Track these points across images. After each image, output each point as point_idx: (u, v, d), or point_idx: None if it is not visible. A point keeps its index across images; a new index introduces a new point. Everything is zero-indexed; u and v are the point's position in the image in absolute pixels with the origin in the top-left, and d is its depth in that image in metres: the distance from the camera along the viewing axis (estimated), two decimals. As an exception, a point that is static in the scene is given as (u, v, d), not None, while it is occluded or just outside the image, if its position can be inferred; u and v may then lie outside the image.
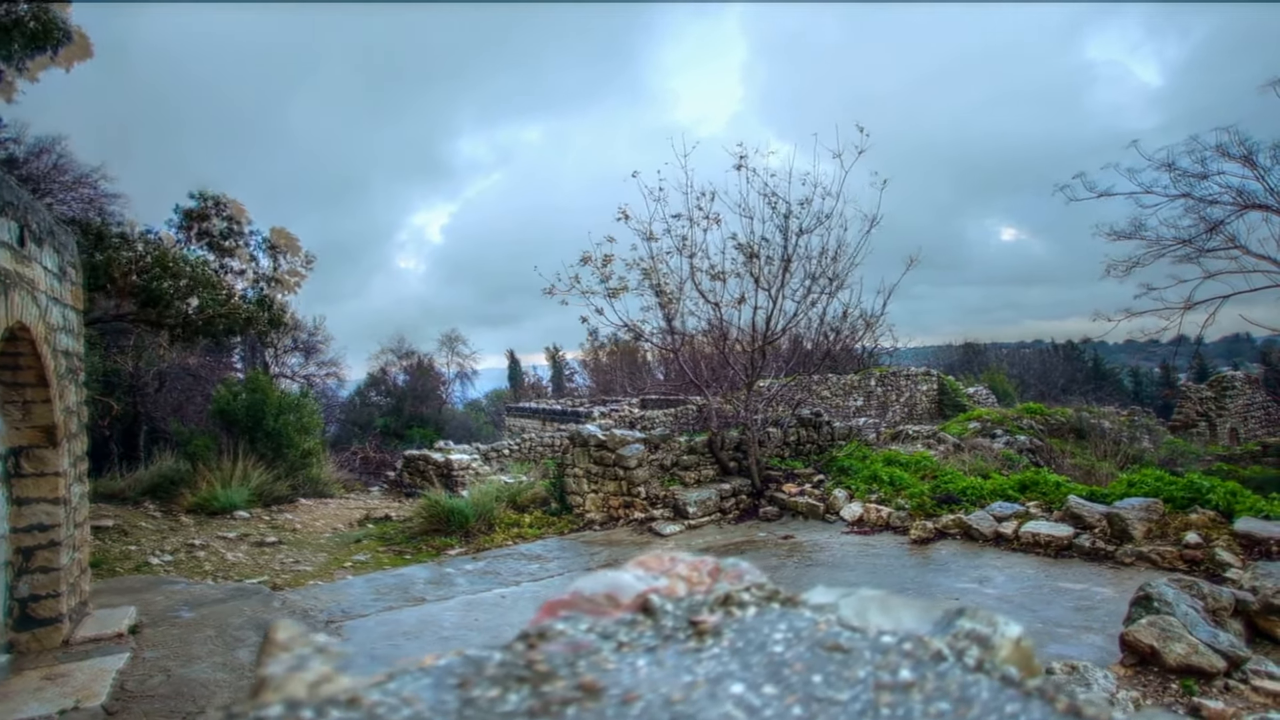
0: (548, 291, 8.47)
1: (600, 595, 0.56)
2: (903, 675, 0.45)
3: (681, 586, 0.59)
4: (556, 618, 0.52)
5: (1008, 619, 0.50)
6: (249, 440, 12.15)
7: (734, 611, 0.54)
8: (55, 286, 4.84)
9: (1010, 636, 0.48)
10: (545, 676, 0.45)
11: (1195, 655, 2.35)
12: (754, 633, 0.51)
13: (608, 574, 0.60)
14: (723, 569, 0.60)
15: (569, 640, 0.49)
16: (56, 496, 4.76)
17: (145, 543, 8.77)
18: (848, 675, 0.45)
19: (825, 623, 0.52)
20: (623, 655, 0.49)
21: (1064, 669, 2.20)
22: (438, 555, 7.93)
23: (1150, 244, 11.80)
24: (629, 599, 0.56)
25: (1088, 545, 5.68)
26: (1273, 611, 2.86)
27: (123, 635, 4.92)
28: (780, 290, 8.53)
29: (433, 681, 0.46)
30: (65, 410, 4.93)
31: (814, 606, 0.56)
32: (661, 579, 0.60)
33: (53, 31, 10.60)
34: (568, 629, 0.50)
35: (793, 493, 8.28)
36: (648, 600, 0.56)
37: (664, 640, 0.51)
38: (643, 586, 0.58)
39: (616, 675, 0.46)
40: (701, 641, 0.51)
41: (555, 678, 0.45)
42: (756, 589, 0.58)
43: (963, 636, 0.49)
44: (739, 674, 0.46)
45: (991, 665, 0.46)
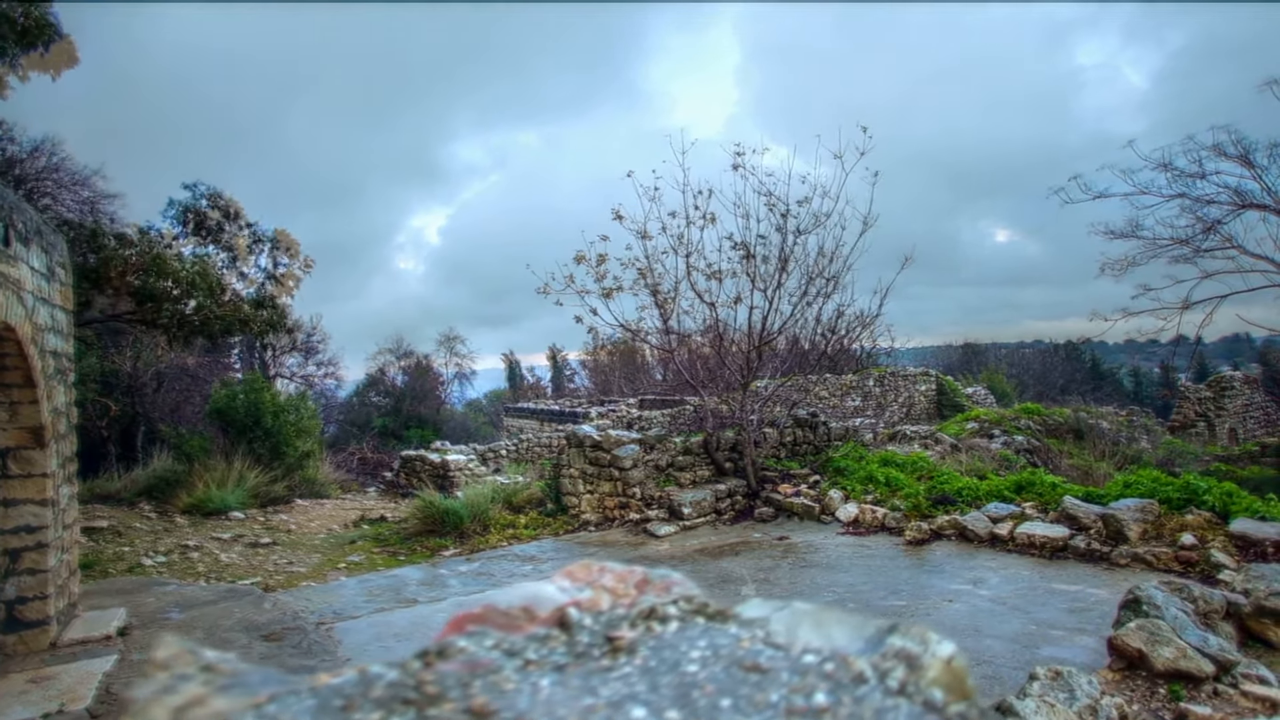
0: (541, 290, 8.44)
1: (516, 608, 0.53)
2: (817, 700, 0.41)
3: (605, 599, 0.55)
4: (462, 633, 0.49)
5: (941, 637, 0.47)
6: (246, 441, 12.12)
7: (654, 627, 0.51)
8: (43, 287, 4.81)
9: (941, 656, 0.45)
10: (433, 699, 0.42)
11: (1184, 659, 2.31)
12: (670, 650, 0.48)
13: (528, 585, 0.57)
14: (650, 580, 0.57)
15: (468, 658, 0.46)
16: (44, 498, 4.73)
17: (139, 544, 8.73)
18: (759, 699, 0.42)
19: (749, 640, 0.49)
20: (526, 675, 0.45)
21: (1048, 674, 2.16)
22: (432, 556, 7.90)
23: (1147, 244, 11.78)
24: (546, 612, 0.53)
25: (1083, 546, 5.64)
26: (1265, 614, 2.83)
27: (111, 638, 4.89)
28: (777, 290, 8.50)
29: (317, 704, 0.43)
30: (53, 411, 4.89)
31: (743, 621, 0.53)
32: (586, 590, 0.57)
33: (44, 29, 10.57)
34: (470, 646, 0.47)
35: (788, 493, 8.24)
36: (565, 614, 0.52)
37: (576, 658, 0.48)
38: (564, 599, 0.55)
39: (513, 698, 0.43)
40: (615, 659, 0.48)
41: (444, 700, 0.42)
42: (684, 601, 0.55)
43: (890, 655, 0.45)
44: (644, 696, 0.43)
45: (916, 688, 0.42)
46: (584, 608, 0.54)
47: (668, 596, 0.55)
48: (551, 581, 0.59)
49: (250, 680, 0.47)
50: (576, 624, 0.52)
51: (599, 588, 0.57)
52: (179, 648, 0.46)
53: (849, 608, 3.04)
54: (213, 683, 0.45)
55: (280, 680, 0.47)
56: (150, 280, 10.44)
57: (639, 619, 0.53)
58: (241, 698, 0.43)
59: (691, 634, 0.50)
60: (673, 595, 0.56)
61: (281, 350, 22.64)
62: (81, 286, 10.09)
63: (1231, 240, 10.95)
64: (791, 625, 0.52)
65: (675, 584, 0.57)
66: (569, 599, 0.55)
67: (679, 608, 0.54)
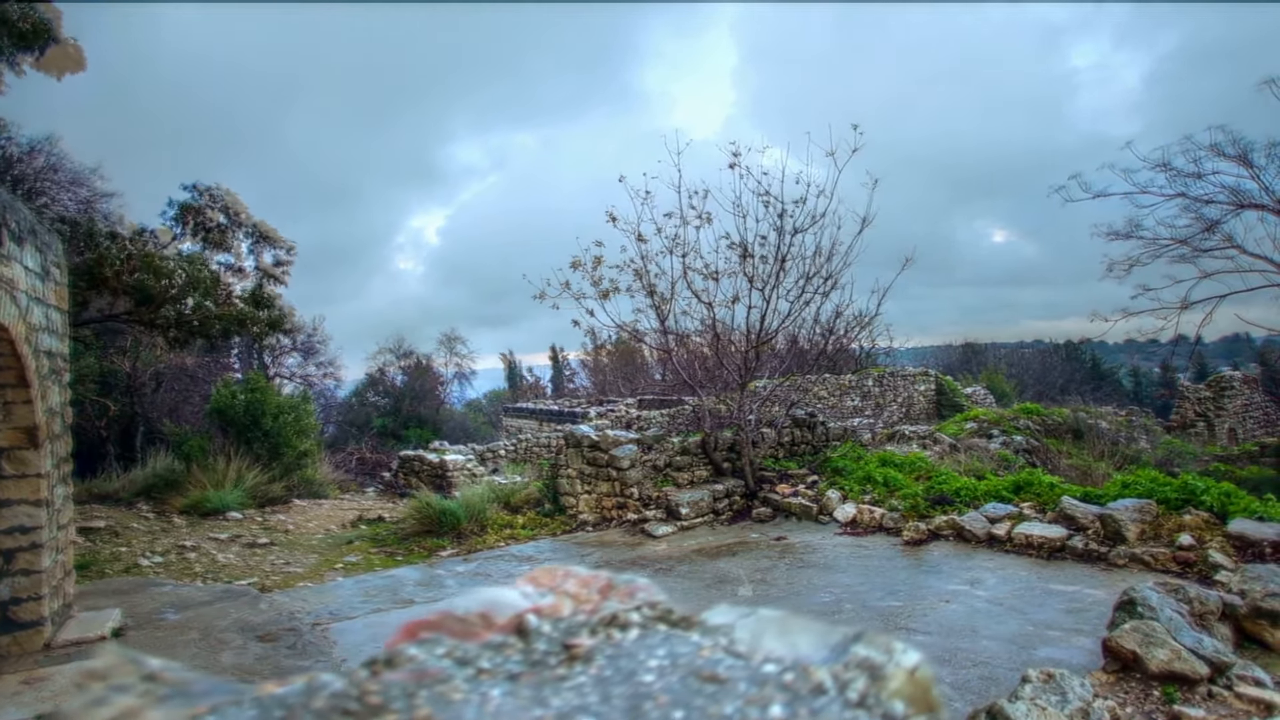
0: (538, 297, 8.43)
1: (474, 614, 0.52)
2: (773, 712, 0.40)
3: (567, 605, 0.54)
4: (414, 640, 0.48)
5: (906, 645, 0.46)
6: (245, 441, 12.11)
7: (614, 634, 0.50)
8: (37, 286, 4.80)
9: (905, 666, 0.44)
10: (375, 710, 0.40)
11: (1178, 661, 2.29)
12: (628, 659, 0.46)
13: (489, 590, 0.55)
14: (615, 586, 0.56)
15: (417, 667, 0.44)
16: (38, 498, 4.71)
17: (136, 544, 8.72)
18: (713, 711, 0.40)
19: (710, 648, 0.47)
20: (477, 684, 0.44)
21: (1041, 677, 2.15)
22: (429, 557, 7.89)
23: (1147, 243, 11.76)
24: (504, 619, 0.52)
25: (1081, 547, 5.63)
26: (1261, 615, 2.81)
27: (105, 638, 4.88)
28: (774, 289, 8.48)
29: (258, 714, 0.42)
30: (48, 411, 4.88)
31: (707, 629, 0.51)
32: (548, 596, 0.55)
33: (41, 32, 10.56)
34: (421, 654, 0.46)
35: (786, 494, 8.23)
36: (523, 621, 0.51)
37: (531, 666, 0.47)
38: (525, 604, 0.54)
39: (459, 709, 0.41)
40: (571, 668, 0.46)
41: (387, 711, 0.40)
42: (648, 608, 0.53)
43: (854, 665, 0.44)
44: (595, 708, 0.41)
45: (876, 700, 0.41)
46: (544, 614, 0.53)
47: (631, 603, 0.54)
48: (514, 587, 0.57)
49: (194, 690, 0.45)
50: (534, 631, 0.51)
51: (561, 593, 0.56)
52: (118, 657, 0.44)
53: (845, 608, 3.06)
54: (152, 693, 0.43)
55: (227, 690, 0.46)
56: (147, 280, 10.42)
57: (600, 626, 0.51)
58: (179, 709, 0.42)
59: (652, 642, 0.49)
60: (636, 601, 0.54)
61: (281, 350, 22.62)
62: (78, 286, 10.08)
63: (1230, 240, 10.95)
64: (757, 633, 0.50)
65: (640, 590, 0.56)
66: (530, 605, 0.54)
67: (642, 614, 0.53)
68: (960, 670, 3.92)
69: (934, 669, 1.84)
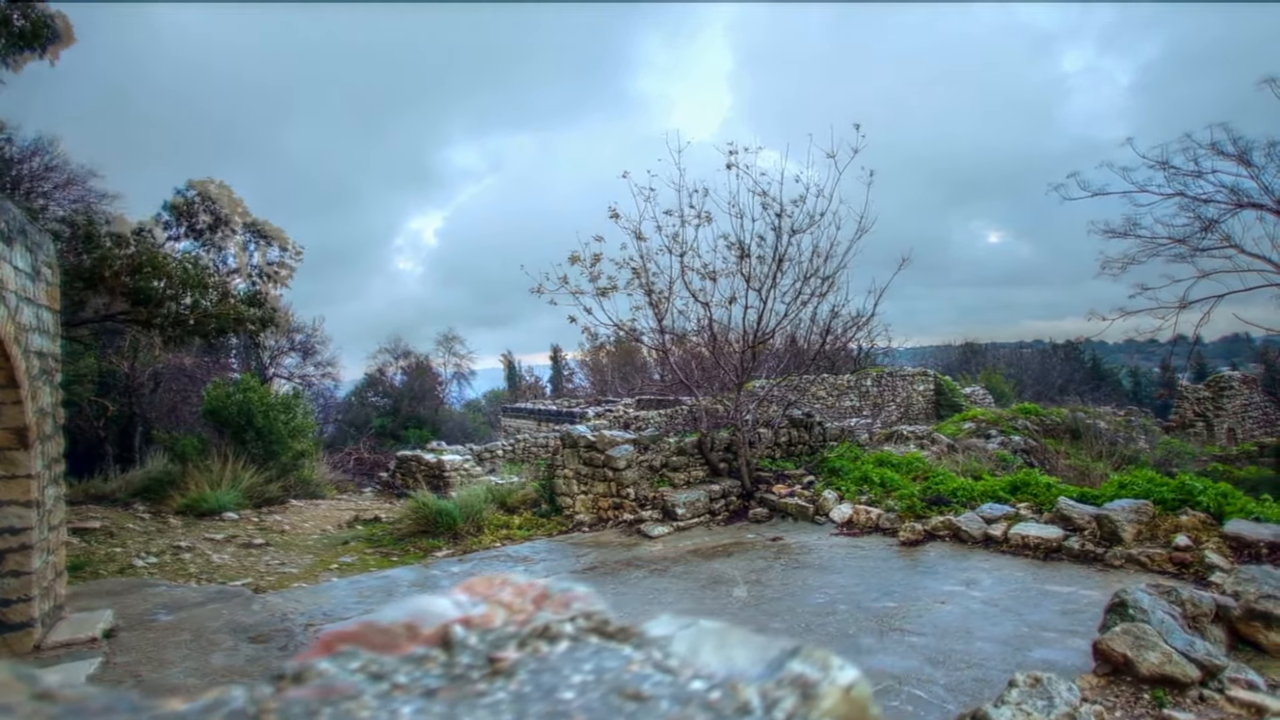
0: (535, 290, 8.40)
1: (399, 625, 0.49)
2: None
3: (500, 615, 0.52)
4: (330, 653, 0.45)
5: (845, 662, 0.43)
6: (240, 441, 12.09)
7: (542, 647, 0.47)
8: (27, 286, 4.77)
9: (840, 684, 0.41)
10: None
11: (1169, 664, 2.27)
12: (551, 674, 0.44)
13: (420, 599, 0.53)
14: (550, 595, 0.53)
15: (325, 683, 0.42)
16: (29, 499, 4.69)
17: (131, 545, 8.69)
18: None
19: (640, 663, 0.45)
20: (388, 701, 0.42)
21: (1028, 681, 2.12)
22: (425, 557, 7.87)
23: (1145, 242, 11.73)
24: (430, 630, 0.49)
25: (1077, 548, 5.60)
26: (1255, 617, 2.79)
27: (96, 640, 4.86)
28: (772, 290, 8.46)
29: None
30: (38, 412, 4.86)
31: (645, 640, 0.49)
32: (481, 606, 0.53)
33: (41, 31, 10.53)
34: (332, 668, 0.43)
35: (783, 494, 8.20)
36: (449, 632, 0.49)
37: (451, 681, 0.44)
38: (456, 614, 0.51)
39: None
40: (491, 683, 0.44)
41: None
42: (584, 619, 0.51)
43: (786, 682, 0.42)
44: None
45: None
46: (473, 625, 0.50)
47: (565, 613, 0.52)
48: (448, 595, 0.55)
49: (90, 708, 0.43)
50: (460, 643, 0.48)
51: (495, 603, 0.53)
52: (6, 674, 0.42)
53: (840, 609, 3.03)
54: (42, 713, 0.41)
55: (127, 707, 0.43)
56: (144, 280, 10.40)
57: (529, 638, 0.49)
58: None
59: (580, 655, 0.46)
60: (571, 612, 0.52)
61: (279, 350, 22.60)
62: (74, 286, 10.06)
63: (1229, 239, 10.92)
64: (694, 645, 0.48)
65: (576, 599, 0.53)
66: (460, 615, 0.52)
67: (575, 626, 0.50)
68: (954, 672, 3.90)
69: (929, 671, 1.82)
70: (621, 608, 4.67)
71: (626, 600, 5.54)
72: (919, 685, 3.75)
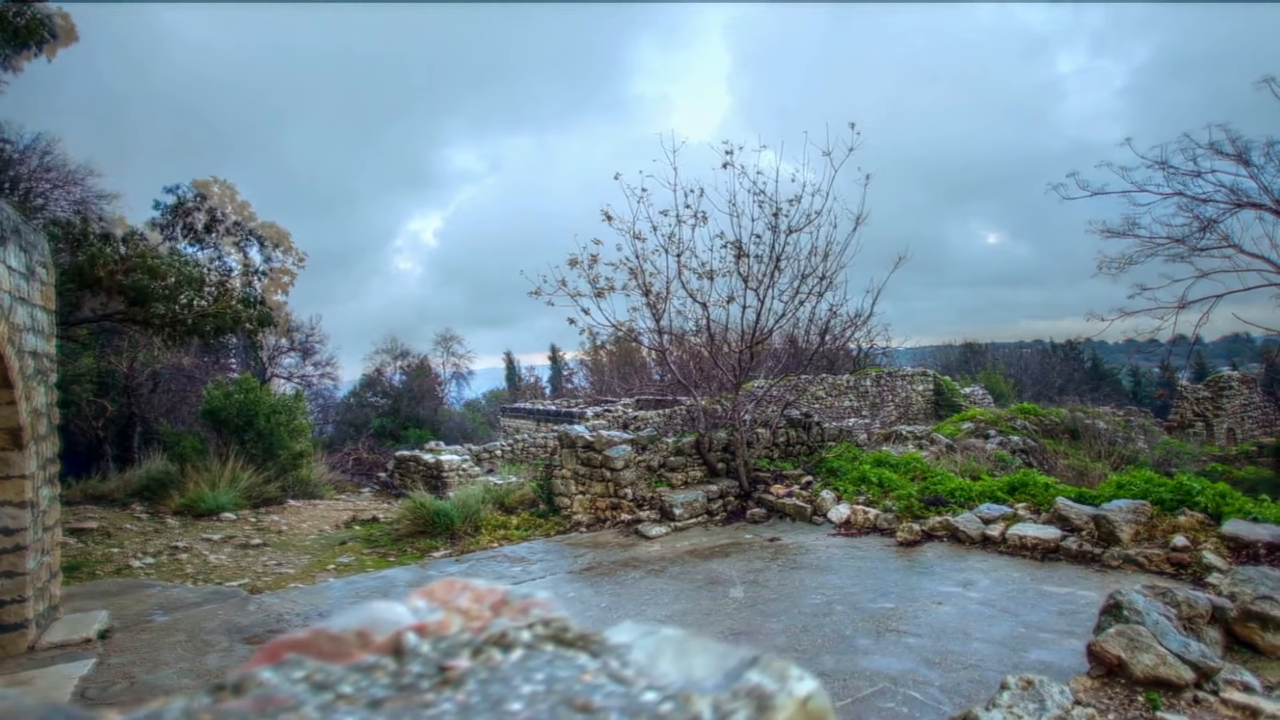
0: (534, 293, 8.39)
1: (350, 633, 0.48)
2: (638, 746, 0.36)
3: (456, 622, 0.50)
4: (275, 662, 0.44)
5: (804, 673, 0.42)
6: (239, 441, 12.07)
7: (495, 656, 0.46)
8: (21, 286, 4.76)
9: (797, 695, 0.40)
10: (203, 746, 0.37)
11: (1163, 666, 2.25)
12: (502, 684, 0.43)
13: (376, 605, 0.51)
14: (508, 601, 0.52)
15: (263, 694, 0.40)
16: (23, 500, 4.68)
17: (128, 545, 8.68)
18: (574, 745, 0.36)
19: (593, 673, 0.44)
20: (330, 713, 0.40)
21: (1020, 683, 2.10)
22: (422, 557, 7.85)
23: (1144, 242, 11.71)
24: (383, 638, 0.48)
25: (1075, 548, 5.59)
26: (1251, 618, 2.77)
27: (91, 641, 4.84)
28: (769, 289, 8.44)
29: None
30: (33, 412, 4.84)
31: (605, 648, 0.48)
32: (438, 612, 0.52)
33: (36, 29, 10.52)
34: (273, 679, 0.42)
35: (780, 494, 8.19)
36: (401, 640, 0.47)
37: (399, 691, 0.43)
38: (411, 621, 0.50)
39: (300, 743, 0.38)
40: (440, 693, 0.43)
41: (216, 747, 0.37)
42: (541, 626, 0.50)
43: (742, 694, 0.40)
44: (448, 742, 0.37)
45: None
46: (428, 632, 0.49)
47: (523, 620, 0.50)
48: (406, 601, 0.54)
49: (23, 719, 0.42)
50: (412, 651, 0.47)
51: (453, 609, 0.52)
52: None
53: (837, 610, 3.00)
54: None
55: (61, 718, 0.42)
56: (140, 279, 10.38)
57: (485, 645, 0.48)
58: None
59: (533, 664, 0.45)
60: (529, 619, 0.50)
61: (278, 350, 22.59)
62: (70, 286, 10.05)
63: (1228, 239, 10.89)
64: (653, 654, 0.47)
65: (535, 606, 0.52)
66: (415, 621, 0.50)
67: (532, 633, 0.49)
68: (950, 673, 3.88)
69: (925, 672, 1.79)
70: (617, 609, 4.65)
71: (622, 601, 5.53)
72: (915, 687, 3.73)
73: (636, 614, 5.18)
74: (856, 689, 3.77)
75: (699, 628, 4.83)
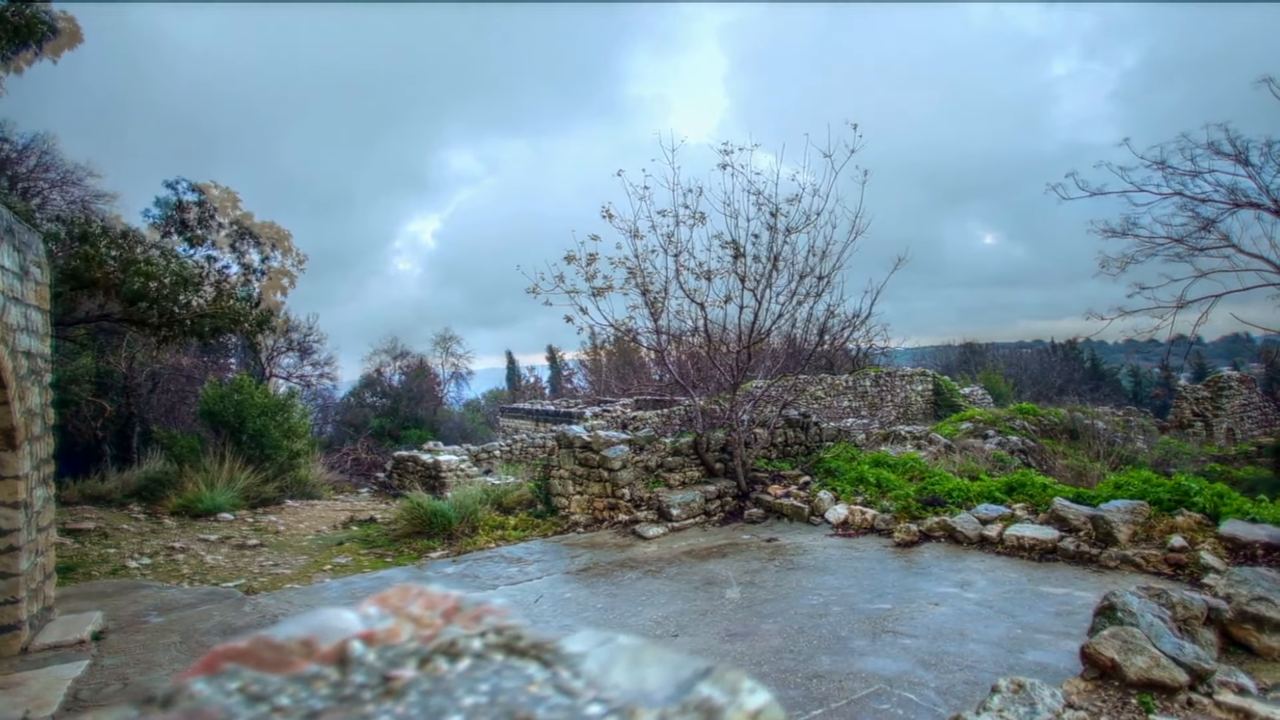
0: (531, 291, 8.37)
1: (295, 641, 0.46)
2: (575, 763, 0.35)
3: (407, 629, 0.49)
4: (212, 672, 0.42)
5: (756, 685, 0.40)
6: (236, 442, 12.05)
7: (441, 665, 0.44)
8: (15, 286, 4.74)
9: (748, 709, 0.38)
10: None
11: (1157, 669, 2.23)
12: (443, 695, 0.41)
13: (328, 612, 0.50)
14: (461, 608, 0.50)
15: (193, 708, 0.39)
16: (16, 500, 4.66)
17: (125, 545, 8.66)
18: (509, 762, 0.35)
19: (540, 684, 0.42)
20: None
21: (1011, 686, 2.08)
22: (419, 558, 7.83)
23: (1143, 242, 11.70)
24: (329, 646, 0.46)
25: (1072, 548, 5.57)
26: (1247, 619, 2.75)
27: (84, 642, 4.83)
28: (766, 289, 8.43)
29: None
30: (26, 412, 4.83)
31: (556, 659, 0.46)
32: (389, 619, 0.50)
33: (36, 27, 10.49)
34: (205, 690, 0.40)
35: (778, 494, 8.17)
36: (346, 648, 0.46)
37: (339, 703, 0.42)
38: (359, 629, 0.48)
39: (226, 759, 0.36)
40: (381, 705, 0.41)
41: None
42: (494, 634, 0.48)
43: (691, 707, 0.39)
44: (380, 758, 0.36)
45: (701, 747, 0.36)
46: (376, 640, 0.47)
47: (475, 628, 0.49)
48: (357, 608, 0.52)
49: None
50: (357, 660, 0.45)
51: (404, 616, 0.50)
52: None
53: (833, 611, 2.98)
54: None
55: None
56: (137, 280, 10.36)
57: (434, 654, 0.46)
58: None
59: (480, 675, 0.44)
60: (481, 627, 0.49)
61: (277, 350, 22.57)
62: (67, 286, 10.03)
63: (1227, 239, 10.88)
64: (607, 664, 0.45)
65: (489, 613, 0.50)
66: (364, 629, 0.49)
67: (484, 641, 0.47)
68: (946, 674, 3.86)
69: (921, 673, 1.78)
70: (612, 610, 4.63)
71: (618, 602, 5.51)
72: (910, 688, 3.72)
73: (632, 615, 5.16)
74: (851, 690, 3.75)
75: (694, 629, 4.81)
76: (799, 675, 3.98)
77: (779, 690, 3.83)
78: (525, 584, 6.34)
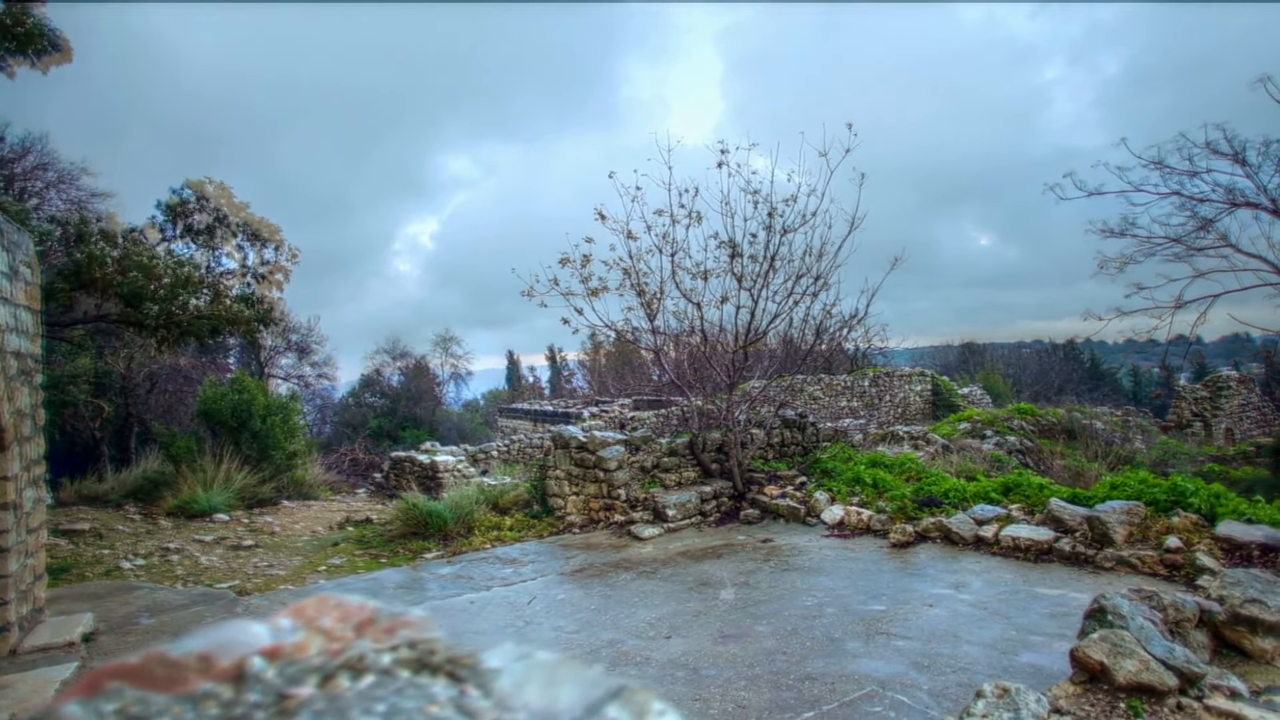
0: (526, 293, 8.34)
1: (192, 656, 0.44)
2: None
3: (316, 643, 0.46)
4: (92, 693, 0.40)
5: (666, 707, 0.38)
6: (233, 442, 12.02)
7: (343, 683, 0.42)
8: (4, 286, 4.72)
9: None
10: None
11: (1146, 672, 2.20)
12: (336, 716, 0.39)
13: (234, 624, 0.47)
14: (376, 620, 0.48)
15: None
16: (5, 502, 4.63)
17: (120, 546, 8.64)
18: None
19: (442, 704, 0.39)
20: (135, 752, 0.36)
21: (995, 692, 2.05)
22: (414, 559, 7.80)
23: (1141, 242, 11.68)
24: (228, 661, 0.44)
25: (1068, 549, 5.54)
26: (1240, 622, 2.72)
27: (74, 644, 4.80)
28: (763, 289, 8.40)
29: None
30: (15, 413, 4.80)
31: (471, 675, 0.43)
32: (300, 632, 0.47)
33: (35, 37, 10.45)
34: (78, 714, 0.38)
35: (774, 495, 8.14)
36: (244, 665, 0.43)
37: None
38: (265, 643, 0.46)
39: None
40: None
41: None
42: (406, 648, 0.45)
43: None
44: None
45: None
46: (279, 655, 0.45)
47: (387, 642, 0.46)
48: (269, 619, 0.49)
49: None
50: (254, 677, 0.42)
51: (315, 629, 0.48)
52: None
53: (828, 612, 2.95)
54: None
55: None
56: (135, 280, 10.34)
57: (337, 671, 0.43)
58: None
59: (380, 693, 0.41)
60: (394, 640, 0.46)
61: (276, 350, 22.55)
62: (63, 286, 10.01)
63: (1225, 239, 10.85)
64: (521, 681, 0.42)
65: (404, 626, 0.48)
66: (271, 643, 0.46)
67: (394, 656, 0.45)
68: (939, 677, 3.84)
69: (914, 675, 1.74)
70: (606, 611, 4.59)
71: (612, 603, 5.48)
72: (903, 690, 3.69)
73: (626, 616, 5.13)
74: (844, 692, 3.72)
75: (687, 630, 4.78)
76: (791, 677, 3.95)
77: (771, 692, 3.80)
78: (519, 585, 6.31)
